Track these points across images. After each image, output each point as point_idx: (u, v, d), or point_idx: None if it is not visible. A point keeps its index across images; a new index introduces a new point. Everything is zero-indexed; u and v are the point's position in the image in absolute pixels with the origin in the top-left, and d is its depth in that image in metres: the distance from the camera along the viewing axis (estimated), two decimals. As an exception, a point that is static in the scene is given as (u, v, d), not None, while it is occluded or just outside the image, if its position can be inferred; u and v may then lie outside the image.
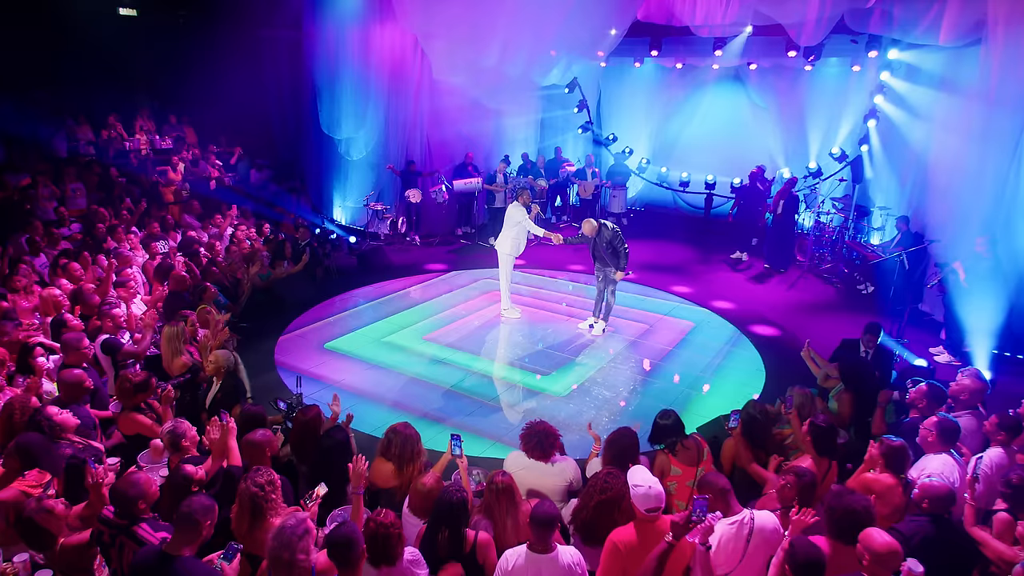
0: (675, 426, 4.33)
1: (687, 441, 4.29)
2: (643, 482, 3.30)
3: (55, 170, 10.62)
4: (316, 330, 8.35)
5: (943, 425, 4.16)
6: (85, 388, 4.53)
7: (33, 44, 11.57)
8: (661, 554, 3.07)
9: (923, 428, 4.24)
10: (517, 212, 8.36)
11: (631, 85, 14.99)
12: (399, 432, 4.08)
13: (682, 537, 3.06)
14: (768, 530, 3.37)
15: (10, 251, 7.69)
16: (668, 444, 4.28)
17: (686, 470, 4.21)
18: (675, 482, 4.19)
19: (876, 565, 2.96)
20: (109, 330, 5.87)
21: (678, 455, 4.23)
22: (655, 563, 3.04)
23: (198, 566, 2.94)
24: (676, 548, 3.08)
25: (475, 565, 3.36)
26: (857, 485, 3.96)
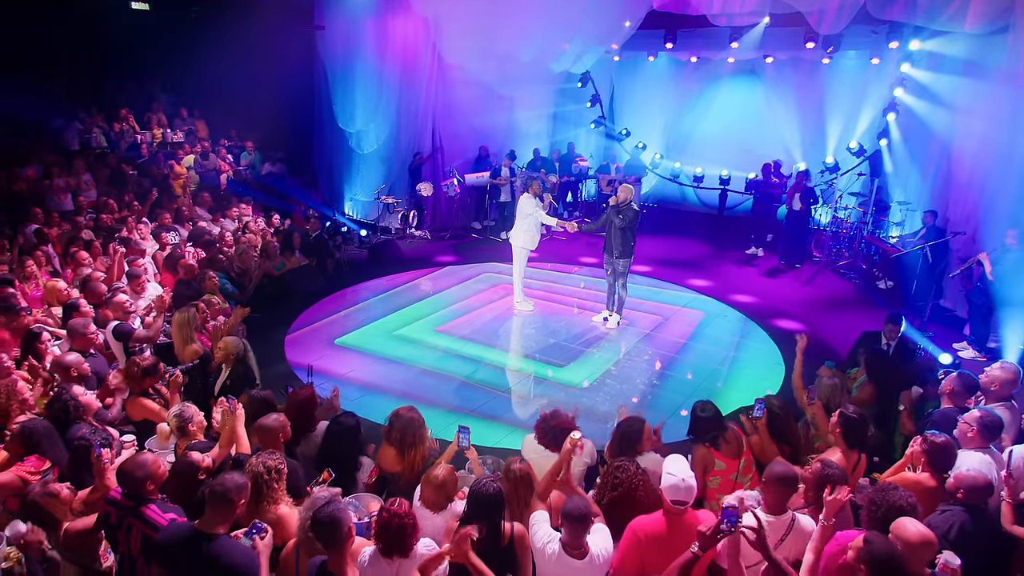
0: (715, 418, 4.16)
1: (728, 434, 4.13)
2: (677, 472, 3.13)
3: (67, 162, 10.60)
4: (326, 325, 8.24)
5: (985, 420, 3.92)
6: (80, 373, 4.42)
7: (46, 37, 11.55)
8: (685, 564, 2.86)
9: (963, 423, 4.03)
10: (528, 203, 8.23)
11: (645, 79, 14.86)
12: (401, 416, 3.97)
13: (709, 549, 2.87)
14: (805, 532, 3.23)
15: (19, 241, 7.66)
16: (709, 438, 4.11)
17: (729, 464, 4.06)
18: (718, 477, 4.04)
19: (909, 554, 2.80)
20: (118, 317, 5.79)
21: (720, 448, 4.08)
22: (677, 572, 2.84)
23: (235, 544, 2.85)
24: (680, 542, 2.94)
25: (512, 558, 3.22)
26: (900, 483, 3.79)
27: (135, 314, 6.07)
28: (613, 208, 7.89)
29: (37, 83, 11.75)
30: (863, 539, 2.72)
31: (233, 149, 12.86)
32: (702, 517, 3.14)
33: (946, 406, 4.46)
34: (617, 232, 7.87)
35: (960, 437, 4.02)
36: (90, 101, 12.46)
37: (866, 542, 2.70)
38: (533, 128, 14.09)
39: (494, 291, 9.52)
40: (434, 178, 12.40)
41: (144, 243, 8.15)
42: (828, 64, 12.17)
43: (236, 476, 2.97)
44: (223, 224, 9.82)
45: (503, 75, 10.51)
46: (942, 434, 3.77)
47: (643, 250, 11.71)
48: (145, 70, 13.48)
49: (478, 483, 3.28)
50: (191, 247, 8.22)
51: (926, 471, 3.71)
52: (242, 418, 3.75)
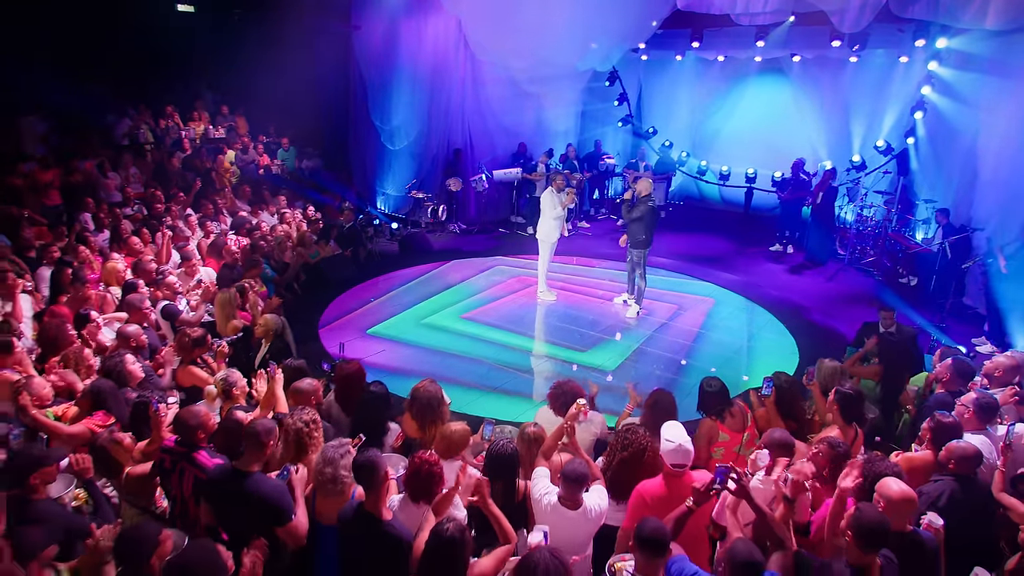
0: (721, 393, 4.41)
1: (733, 409, 4.38)
2: (674, 438, 3.43)
3: (116, 156, 11.19)
4: (357, 310, 8.62)
5: (981, 401, 4.11)
6: (138, 343, 4.85)
7: (96, 37, 12.11)
8: (680, 517, 3.17)
9: (960, 405, 4.20)
10: (548, 197, 8.54)
11: (672, 78, 14.99)
12: (422, 389, 4.26)
13: (702, 504, 3.17)
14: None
15: (76, 228, 8.21)
16: (715, 411, 4.37)
17: (733, 436, 4.31)
18: (722, 448, 4.29)
19: (892, 512, 3.02)
20: (167, 297, 6.25)
21: (725, 422, 4.33)
22: (674, 524, 3.12)
23: (267, 479, 3.22)
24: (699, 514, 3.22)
25: (526, 513, 3.54)
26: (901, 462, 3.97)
27: (182, 295, 6.54)
28: (628, 201, 8.24)
29: (90, 82, 12.40)
30: (855, 508, 2.94)
31: (271, 145, 13.38)
32: (697, 477, 3.40)
33: (940, 391, 4.61)
34: (634, 224, 8.19)
35: (958, 418, 4.19)
36: (138, 99, 13.05)
37: (856, 510, 2.92)
38: (561, 126, 14.35)
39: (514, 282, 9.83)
40: (464, 174, 12.74)
41: (189, 231, 8.64)
42: (856, 62, 12.19)
43: (266, 421, 3.34)
44: (261, 216, 10.31)
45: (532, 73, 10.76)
46: (950, 415, 3.96)
47: (668, 245, 11.95)
48: (190, 69, 14.06)
49: (495, 444, 3.60)
50: (233, 235, 8.68)
51: (928, 448, 3.90)
52: (281, 381, 4.12)
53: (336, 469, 3.22)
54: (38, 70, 11.23)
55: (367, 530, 3.03)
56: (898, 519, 3.05)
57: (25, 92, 11.20)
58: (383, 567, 3.02)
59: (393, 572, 2.98)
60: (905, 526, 3.08)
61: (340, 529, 3.14)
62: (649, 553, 2.74)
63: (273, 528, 3.14)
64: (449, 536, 2.70)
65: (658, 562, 2.75)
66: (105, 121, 12.27)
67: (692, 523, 3.19)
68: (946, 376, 4.65)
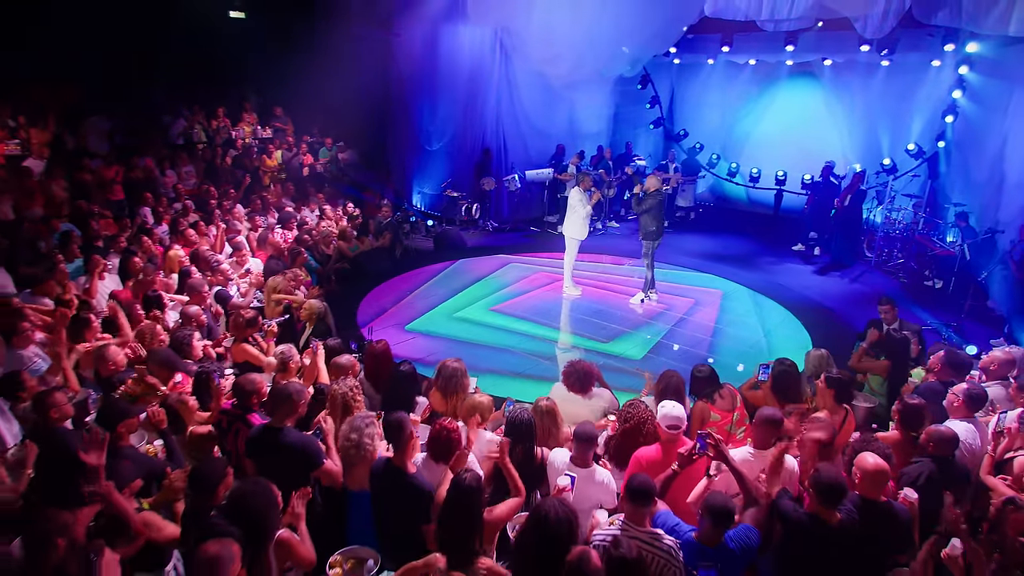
0: (711, 377, 4.79)
1: (723, 391, 4.73)
2: (668, 407, 3.85)
3: (172, 154, 11.97)
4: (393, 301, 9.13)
5: (970, 392, 4.39)
6: (199, 323, 5.44)
7: (155, 42, 12.89)
8: (666, 479, 3.59)
9: (951, 394, 4.48)
10: (576, 196, 8.94)
11: (704, 81, 15.21)
12: (447, 365, 4.71)
13: (685, 467, 3.58)
14: (787, 468, 3.81)
15: (137, 220, 8.92)
16: (706, 393, 4.74)
17: (723, 415, 4.66)
18: (714, 427, 4.64)
19: (866, 483, 3.37)
20: (220, 283, 6.86)
21: (716, 403, 4.69)
22: (661, 484, 3.53)
23: (298, 432, 3.73)
24: (685, 474, 3.61)
25: (542, 476, 3.97)
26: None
27: (233, 282, 7.15)
28: (637, 195, 8.77)
29: (148, 85, 13.25)
30: (815, 468, 3.31)
31: (315, 145, 14.05)
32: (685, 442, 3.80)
33: (932, 380, 4.89)
34: (644, 216, 8.80)
35: (948, 407, 4.49)
36: (192, 100, 13.84)
37: (816, 470, 3.30)
38: (594, 128, 14.71)
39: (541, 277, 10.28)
40: (497, 174, 13.20)
41: (239, 224, 9.29)
42: (887, 66, 12.28)
43: (296, 384, 3.88)
44: (305, 211, 10.94)
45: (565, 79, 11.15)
46: (916, 397, 4.28)
47: (695, 246, 12.28)
48: (240, 72, 14.81)
49: (514, 413, 4.04)
50: (280, 229, 9.31)
51: (897, 428, 4.23)
52: (322, 356, 4.64)
53: (360, 436, 3.72)
54: (103, 73, 12.07)
55: (394, 481, 3.50)
56: (872, 489, 3.38)
57: (91, 94, 12.05)
58: (408, 513, 3.48)
59: (417, 518, 3.44)
60: (879, 496, 3.40)
61: (371, 481, 3.62)
62: (637, 502, 3.15)
63: (308, 474, 3.62)
64: (467, 484, 3.14)
65: (644, 511, 3.15)
66: (162, 121, 13.08)
67: (681, 489, 3.58)
68: (937, 367, 4.92)
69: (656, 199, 8.79)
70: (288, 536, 3.15)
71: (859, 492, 3.39)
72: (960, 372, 4.87)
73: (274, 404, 3.79)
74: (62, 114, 11.25)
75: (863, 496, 3.36)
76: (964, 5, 7.97)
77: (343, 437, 3.79)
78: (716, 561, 3.10)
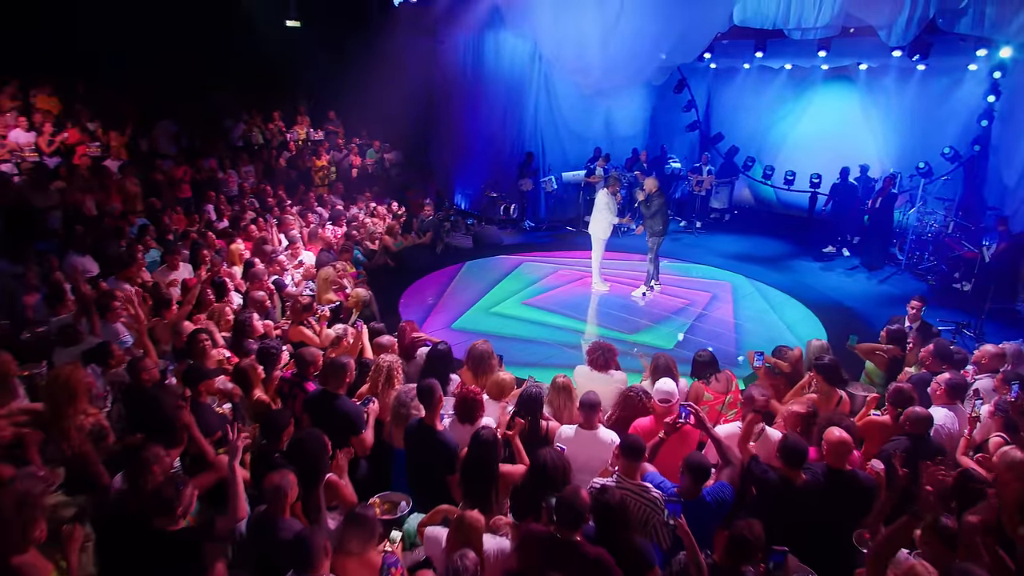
0: (710, 362, 5.30)
1: (719, 375, 5.23)
2: (660, 383, 4.38)
3: (232, 155, 12.92)
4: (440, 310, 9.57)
5: (951, 381, 4.81)
6: (265, 306, 6.19)
7: (218, 50, 13.83)
8: (654, 445, 4.13)
9: (934, 383, 4.90)
10: (603, 198, 9.48)
11: (740, 85, 15.47)
12: (477, 347, 5.29)
13: (670, 435, 4.12)
14: (772, 442, 4.29)
15: (205, 217, 9.82)
16: (703, 376, 5.24)
17: (717, 397, 5.14)
18: (707, 407, 5.13)
19: (832, 454, 3.83)
20: (276, 273, 7.64)
21: (711, 385, 5.19)
22: (651, 449, 4.07)
23: (348, 400, 4.39)
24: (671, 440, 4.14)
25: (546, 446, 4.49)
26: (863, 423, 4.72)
27: (288, 272, 7.92)
28: (644, 201, 9.35)
29: (212, 90, 14.27)
30: (783, 436, 3.80)
31: (363, 147, 14.88)
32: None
33: (923, 372, 5.27)
34: (651, 218, 9.37)
35: (931, 395, 4.89)
36: (251, 105, 14.82)
37: (784, 437, 3.78)
38: (630, 131, 15.16)
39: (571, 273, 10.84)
40: (535, 175, 13.77)
41: (292, 220, 10.09)
42: (923, 70, 12.38)
43: (346, 358, 4.52)
44: (353, 209, 11.73)
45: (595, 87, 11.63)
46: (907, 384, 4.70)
47: (726, 246, 12.65)
48: (294, 78, 15.76)
49: (526, 388, 4.62)
50: (330, 225, 10.09)
51: (888, 410, 4.64)
52: (366, 335, 5.32)
53: (408, 409, 4.41)
54: (172, 80, 13.11)
55: (425, 437, 4.13)
56: (836, 458, 3.85)
57: (161, 99, 13.10)
58: (436, 465, 4.09)
59: (444, 469, 4.05)
60: (843, 465, 3.86)
61: (405, 438, 4.26)
62: (629, 458, 3.69)
63: (350, 436, 4.27)
64: (485, 438, 3.74)
65: (635, 466, 3.69)
66: (224, 125, 14.08)
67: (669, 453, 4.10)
68: (928, 359, 5.31)
69: (661, 198, 9.37)
70: (335, 479, 3.80)
71: (826, 461, 3.86)
72: (947, 361, 5.24)
73: (329, 373, 4.46)
74: (137, 119, 12.27)
75: (829, 465, 3.83)
76: (987, 13, 8.19)
77: (394, 407, 4.46)
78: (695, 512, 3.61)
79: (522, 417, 4.42)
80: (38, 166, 10.02)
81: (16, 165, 9.87)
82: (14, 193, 9.01)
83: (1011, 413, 4.27)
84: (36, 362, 5.12)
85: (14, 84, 11.02)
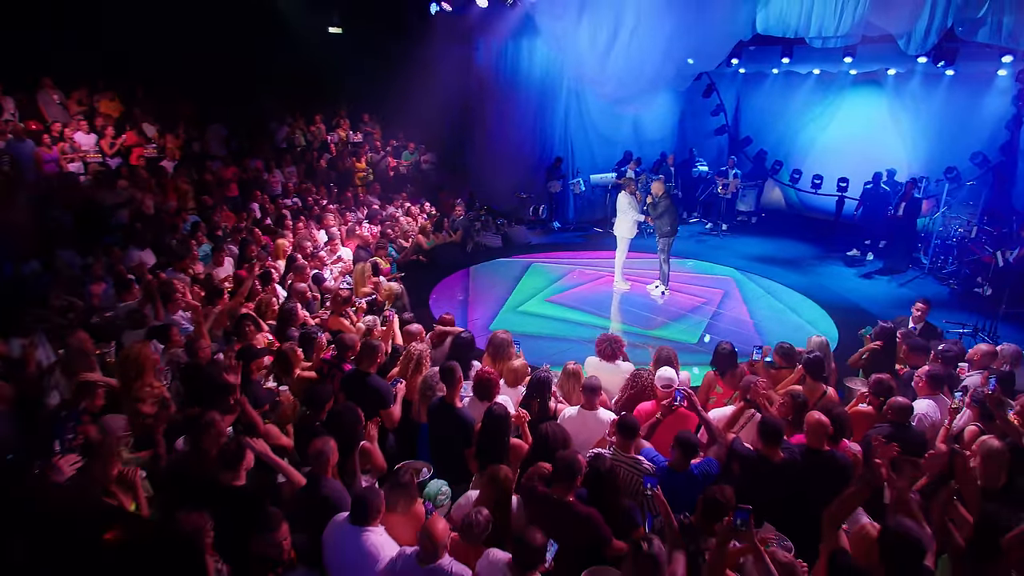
0: (730, 356, 5.55)
1: (735, 370, 5.50)
2: (662, 371, 4.82)
3: (277, 157, 13.68)
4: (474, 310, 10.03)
5: (931, 373, 5.16)
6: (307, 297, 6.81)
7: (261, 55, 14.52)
8: (651, 424, 4.59)
9: (916, 376, 5.26)
10: (624, 200, 9.89)
11: (768, 90, 15.70)
12: (497, 336, 5.79)
13: (667, 415, 4.57)
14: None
15: (252, 215, 10.55)
16: (719, 368, 5.57)
17: (726, 391, 5.50)
18: (714, 397, 5.54)
19: (810, 434, 4.23)
20: (317, 267, 8.27)
21: (725, 379, 5.54)
22: (648, 428, 4.54)
23: (378, 378, 4.93)
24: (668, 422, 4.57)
25: None
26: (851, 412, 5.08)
27: (328, 267, 8.55)
28: (652, 204, 9.78)
29: (258, 94, 15.06)
30: (761, 418, 4.22)
31: (399, 148, 15.53)
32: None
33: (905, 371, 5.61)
34: (660, 219, 9.79)
35: (915, 387, 5.23)
36: (295, 108, 15.58)
37: (762, 419, 4.20)
38: (658, 135, 15.51)
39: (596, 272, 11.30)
40: (563, 177, 14.22)
41: (331, 218, 10.75)
42: (951, 76, 12.47)
43: (376, 341, 5.07)
44: (389, 209, 12.37)
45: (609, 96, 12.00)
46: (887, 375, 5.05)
47: (749, 248, 12.92)
48: (335, 82, 16.45)
49: (536, 371, 5.11)
50: (367, 224, 10.73)
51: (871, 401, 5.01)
52: (397, 323, 5.88)
53: (433, 392, 4.93)
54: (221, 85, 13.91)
55: (445, 413, 4.65)
56: (814, 439, 4.24)
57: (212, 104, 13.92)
58: (455, 438, 4.61)
59: (462, 441, 4.57)
60: (821, 445, 4.25)
61: (428, 414, 4.79)
62: (624, 434, 4.15)
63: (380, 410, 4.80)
64: (497, 412, 4.25)
65: (629, 441, 4.15)
66: (269, 127, 14.87)
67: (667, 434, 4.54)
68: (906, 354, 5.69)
69: (667, 201, 9.78)
70: (369, 446, 4.35)
71: (806, 442, 4.26)
72: (923, 354, 5.60)
73: (363, 354, 5.02)
74: (190, 122, 13.10)
75: (808, 445, 4.23)
76: (1005, 23, 8.35)
77: (422, 389, 5.02)
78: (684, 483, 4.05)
79: (533, 398, 4.90)
80: (103, 167, 10.87)
81: (84, 166, 10.72)
82: (82, 192, 9.85)
83: (987, 404, 4.58)
84: (105, 343, 5.81)
85: (82, 91, 11.90)
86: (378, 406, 4.82)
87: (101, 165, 10.97)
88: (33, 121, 10.63)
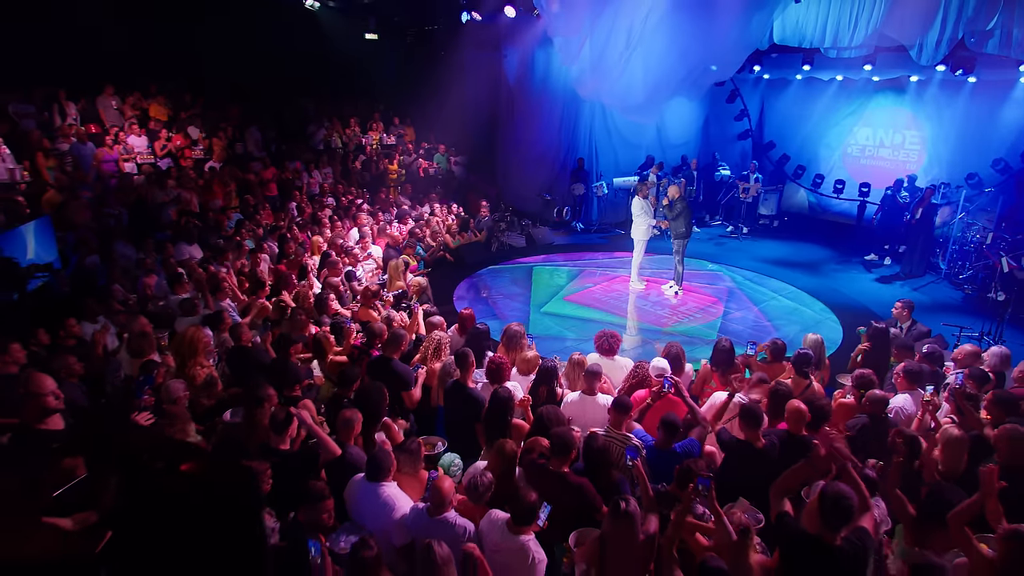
0: (728, 352, 5.96)
1: (731, 368, 5.94)
2: (657, 360, 5.30)
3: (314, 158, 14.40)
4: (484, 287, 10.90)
5: (908, 368, 5.53)
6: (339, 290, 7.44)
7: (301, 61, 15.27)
8: (642, 408, 5.07)
9: (895, 372, 5.65)
10: (637, 204, 10.34)
11: (792, 96, 15.94)
12: (511, 328, 6.28)
13: (656, 401, 5.05)
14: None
15: (290, 214, 11.26)
16: (716, 364, 5.99)
17: (719, 386, 5.95)
18: (709, 388, 5.99)
19: (791, 420, 4.67)
20: (349, 264, 8.92)
21: (717, 374, 5.99)
22: (638, 412, 5.03)
23: (401, 363, 5.51)
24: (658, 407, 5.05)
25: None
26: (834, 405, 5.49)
27: (360, 263, 9.20)
28: (667, 206, 10.16)
29: (296, 97, 15.84)
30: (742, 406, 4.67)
31: (430, 151, 16.16)
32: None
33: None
34: (675, 221, 10.19)
35: (893, 382, 5.62)
36: (332, 111, 16.31)
37: (743, 406, 4.64)
38: (681, 139, 15.86)
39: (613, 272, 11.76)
40: (587, 180, 14.69)
41: (364, 217, 11.40)
42: (973, 82, 12.60)
43: (401, 330, 5.63)
44: (420, 209, 12.99)
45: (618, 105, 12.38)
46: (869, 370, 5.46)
47: (768, 251, 13.22)
48: (369, 87, 17.17)
49: (544, 361, 5.62)
50: (397, 223, 11.36)
51: (852, 393, 5.42)
52: (420, 315, 6.45)
53: (451, 377, 5.48)
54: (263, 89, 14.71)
55: (459, 392, 5.20)
56: (794, 425, 4.67)
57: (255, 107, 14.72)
58: (469, 417, 5.16)
59: (473, 418, 5.11)
60: (800, 431, 4.68)
61: (445, 395, 5.35)
62: (617, 412, 4.66)
63: (402, 391, 5.37)
64: (501, 394, 4.78)
65: (621, 419, 4.64)
66: (306, 130, 15.62)
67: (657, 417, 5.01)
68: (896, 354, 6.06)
69: (683, 203, 10.18)
70: (389, 421, 4.93)
71: (786, 428, 4.69)
72: (906, 352, 5.95)
73: (388, 341, 5.61)
74: (234, 125, 13.90)
75: (788, 431, 4.66)
76: (1015, 35, 8.60)
77: (440, 376, 5.59)
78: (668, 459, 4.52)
79: (541, 385, 5.42)
80: (155, 167, 11.71)
81: (137, 166, 11.56)
82: (135, 191, 10.66)
83: (954, 397, 4.96)
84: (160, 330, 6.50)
85: (135, 95, 12.77)
86: (400, 388, 5.39)
87: (152, 166, 11.80)
88: (93, 124, 11.51)
